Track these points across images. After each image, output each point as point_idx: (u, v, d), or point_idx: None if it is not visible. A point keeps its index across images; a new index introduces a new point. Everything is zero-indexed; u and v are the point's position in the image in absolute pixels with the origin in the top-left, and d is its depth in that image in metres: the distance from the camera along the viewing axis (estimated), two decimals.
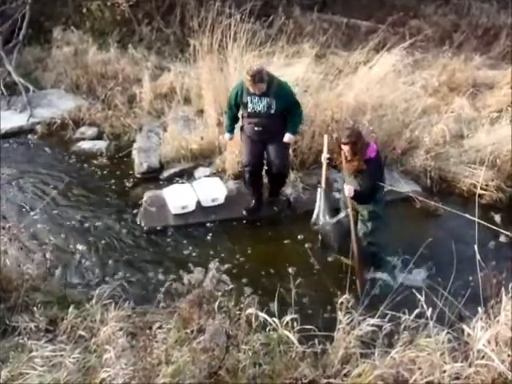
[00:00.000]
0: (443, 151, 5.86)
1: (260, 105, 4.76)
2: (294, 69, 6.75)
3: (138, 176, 5.89)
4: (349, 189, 4.18)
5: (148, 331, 2.59)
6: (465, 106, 6.46)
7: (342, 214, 4.43)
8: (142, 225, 5.10)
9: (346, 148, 4.17)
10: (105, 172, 5.99)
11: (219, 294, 2.73)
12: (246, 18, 6.65)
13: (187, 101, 6.96)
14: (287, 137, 4.97)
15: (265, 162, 5.20)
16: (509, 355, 2.85)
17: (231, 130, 5.19)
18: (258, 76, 4.56)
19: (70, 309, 3.33)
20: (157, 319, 2.87)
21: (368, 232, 4.42)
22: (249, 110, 4.81)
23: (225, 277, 2.71)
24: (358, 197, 4.26)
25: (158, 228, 5.08)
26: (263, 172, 5.30)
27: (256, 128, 4.90)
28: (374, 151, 4.23)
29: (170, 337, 2.57)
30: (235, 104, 4.92)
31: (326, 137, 4.68)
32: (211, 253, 4.70)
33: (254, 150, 5.07)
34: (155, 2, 8.35)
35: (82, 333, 3.12)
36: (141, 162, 5.98)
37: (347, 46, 8.08)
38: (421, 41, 7.33)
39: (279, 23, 7.62)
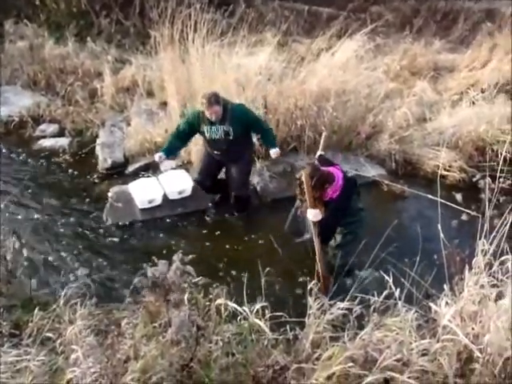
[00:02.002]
0: (407, 134, 5.96)
1: (217, 133, 4.69)
2: (257, 58, 6.74)
3: (103, 172, 5.80)
4: (314, 214, 3.76)
5: (115, 327, 2.54)
6: (426, 89, 6.58)
7: (306, 236, 4.32)
8: (109, 221, 5.02)
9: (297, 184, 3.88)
10: (68, 169, 5.86)
11: (186, 285, 2.69)
12: (206, 8, 6.57)
13: (150, 94, 6.88)
14: (273, 153, 4.91)
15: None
16: (473, 328, 2.93)
17: (168, 154, 4.88)
18: (214, 97, 4.50)
19: (36, 311, 3.23)
20: (124, 315, 2.82)
21: (335, 245, 4.16)
22: (207, 138, 4.77)
23: (189, 268, 2.67)
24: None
25: (125, 223, 5.01)
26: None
27: (216, 152, 4.88)
28: (336, 190, 3.85)
29: (137, 332, 2.53)
30: (187, 130, 4.81)
31: (324, 134, 4.65)
32: (180, 245, 4.67)
33: (208, 168, 5.07)
34: None
35: (49, 334, 3.04)
36: (105, 158, 5.87)
37: (309, 33, 8.09)
38: (382, 26, 7.40)
39: (240, 12, 7.55)
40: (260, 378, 2.79)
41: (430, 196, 3.14)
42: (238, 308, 3.15)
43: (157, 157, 4.87)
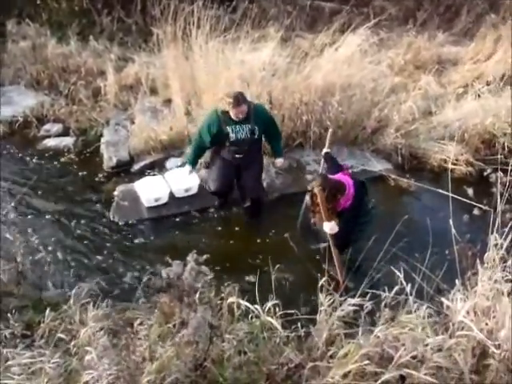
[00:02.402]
0: (412, 128, 5.93)
1: (243, 132, 4.53)
2: (260, 53, 6.70)
3: (108, 171, 5.78)
4: (331, 226, 3.75)
5: (129, 329, 2.53)
6: (431, 82, 6.54)
7: (321, 245, 4.27)
8: (116, 220, 5.02)
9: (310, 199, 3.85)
10: (74, 169, 5.83)
11: (199, 285, 2.68)
12: (209, 4, 6.53)
13: (153, 91, 6.83)
14: (278, 162, 4.90)
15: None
16: (486, 324, 2.92)
17: (194, 164, 4.95)
18: (241, 97, 4.37)
19: (47, 312, 3.22)
20: (137, 316, 2.81)
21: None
22: (231, 139, 4.55)
23: (204, 268, 2.66)
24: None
25: (132, 222, 5.00)
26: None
27: (237, 155, 4.66)
28: (349, 199, 3.80)
29: (151, 333, 2.52)
30: (209, 138, 4.61)
31: (330, 131, 4.64)
32: (188, 244, 4.65)
33: (226, 177, 4.83)
34: None
35: (61, 335, 3.04)
36: (110, 157, 5.85)
37: (312, 27, 8.04)
38: (385, 20, 7.34)
39: (243, 8, 7.50)
40: (274, 376, 2.78)
41: (440, 191, 3.11)
42: (250, 306, 3.15)
43: (188, 169, 4.95)
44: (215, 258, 4.15)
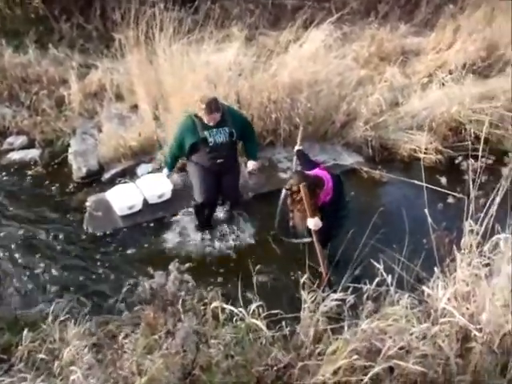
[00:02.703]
0: (381, 120, 6.01)
1: (221, 136, 4.40)
2: (226, 54, 6.67)
3: (78, 181, 5.63)
4: (315, 222, 3.74)
5: (114, 343, 2.47)
6: (396, 74, 6.63)
7: (305, 240, 4.21)
8: (90, 231, 4.90)
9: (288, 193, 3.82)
10: (42, 181, 5.66)
11: (182, 293, 2.64)
12: (171, 6, 6.44)
13: (119, 97, 6.71)
14: (252, 164, 4.73)
15: None
16: (467, 308, 2.98)
17: (172, 168, 4.91)
18: (215, 104, 4.26)
19: (25, 332, 3.10)
20: (121, 329, 2.75)
21: None
22: (210, 144, 4.40)
23: (187, 276, 2.62)
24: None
25: (107, 232, 4.90)
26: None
27: (218, 160, 4.50)
28: (328, 193, 3.80)
29: (138, 346, 2.46)
30: (187, 145, 4.46)
31: (301, 128, 4.67)
32: (166, 250, 4.61)
33: (210, 185, 4.63)
34: None
35: (42, 356, 2.93)
36: (79, 167, 5.72)
37: (275, 25, 8.05)
38: (347, 14, 7.41)
39: (205, 8, 7.44)
40: (263, 377, 2.77)
41: (415, 181, 3.15)
42: (234, 309, 3.12)
43: (166, 173, 4.90)
44: (195, 263, 4.14)
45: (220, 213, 5.09)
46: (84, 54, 7.54)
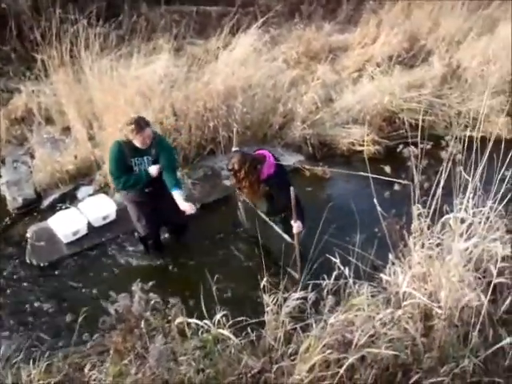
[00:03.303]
0: (317, 118, 6.14)
1: (145, 162, 4.10)
2: (155, 66, 6.57)
3: (15, 212, 5.31)
4: (298, 225, 3.81)
5: (82, 378, 2.32)
6: (327, 71, 6.79)
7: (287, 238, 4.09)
8: (34, 263, 4.63)
9: (231, 175, 3.96)
10: None
11: (148, 313, 2.54)
12: (94, 22, 6.25)
13: (49, 120, 6.41)
14: (178, 195, 4.04)
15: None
16: (425, 289, 3.09)
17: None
18: (143, 121, 3.94)
19: None
20: (87, 361, 2.60)
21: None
22: (135, 173, 4.12)
23: (152, 295, 2.52)
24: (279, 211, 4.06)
25: (53, 262, 4.65)
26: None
27: (146, 190, 4.19)
28: (271, 166, 3.92)
29: (108, 375, 2.34)
30: (123, 175, 4.09)
31: (235, 130, 4.61)
32: (118, 271, 4.45)
33: (148, 218, 4.37)
34: None
35: None
36: (14, 197, 5.39)
37: (202, 33, 8.02)
38: (272, 17, 7.51)
39: (128, 23, 7.29)
40: None
41: (362, 173, 3.23)
42: (200, 322, 3.05)
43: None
44: (155, 280, 4.01)
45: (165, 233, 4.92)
46: (3, 77, 7.15)
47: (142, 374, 2.29)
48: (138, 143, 3.98)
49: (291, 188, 3.63)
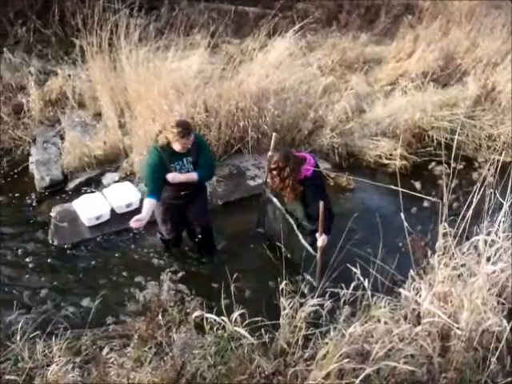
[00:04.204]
0: (347, 127, 6.12)
1: (186, 165, 4.02)
2: (190, 61, 6.64)
3: (41, 191, 5.41)
4: (323, 239, 3.78)
5: (100, 358, 2.36)
6: (360, 82, 6.78)
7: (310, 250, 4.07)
8: (55, 243, 4.71)
9: (274, 173, 3.92)
10: (2, 192, 5.38)
11: (172, 304, 2.57)
12: (136, 13, 6.34)
13: (82, 105, 6.53)
14: (192, 174, 4.04)
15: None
16: (445, 308, 3.06)
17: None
18: (189, 126, 3.88)
19: None
20: (106, 343, 2.64)
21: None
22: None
23: (181, 286, 2.55)
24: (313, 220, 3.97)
25: (73, 244, 4.72)
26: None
27: (182, 192, 4.14)
28: (309, 169, 3.90)
29: (130, 359, 2.37)
30: (159, 183, 3.97)
31: (274, 135, 4.44)
32: (138, 261, 4.49)
33: (176, 223, 4.36)
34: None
35: (12, 377, 2.75)
36: (42, 177, 5.50)
37: (238, 33, 8.08)
38: (310, 23, 7.52)
39: (168, 16, 7.37)
40: None
41: (392, 186, 3.21)
42: (217, 318, 3.07)
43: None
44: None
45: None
46: (42, 59, 7.29)
47: (163, 362, 2.31)
48: (177, 147, 3.87)
49: (320, 202, 3.60)
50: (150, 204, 3.91)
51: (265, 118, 5.90)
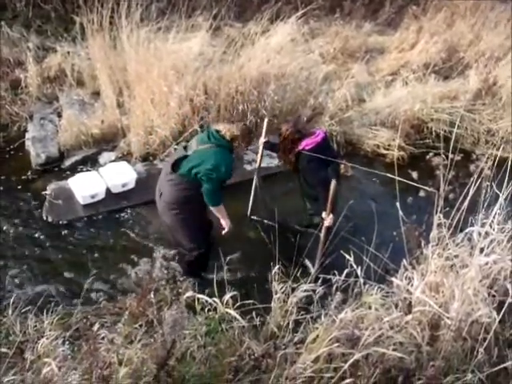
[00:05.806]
0: (346, 116, 6.09)
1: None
2: (191, 43, 6.59)
3: (37, 168, 5.38)
4: (329, 220, 3.80)
5: (91, 334, 2.37)
6: (361, 71, 6.74)
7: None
8: (49, 220, 4.70)
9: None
10: None
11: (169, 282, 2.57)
12: None
13: (80, 83, 6.46)
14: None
15: None
16: (436, 298, 3.08)
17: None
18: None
19: None
20: (97, 319, 2.64)
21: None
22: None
23: (174, 264, 2.55)
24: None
25: (67, 221, 4.72)
26: None
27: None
28: (312, 143, 3.92)
29: (120, 335, 2.38)
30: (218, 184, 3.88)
31: (266, 120, 4.52)
32: (131, 240, 4.49)
33: (205, 225, 4.14)
34: None
35: (3, 350, 2.77)
36: (37, 153, 5.46)
37: (240, 17, 8.00)
38: (313, 10, 7.46)
39: None
40: (241, 367, 2.75)
41: (389, 174, 3.21)
42: (209, 299, 3.08)
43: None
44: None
45: None
46: (41, 35, 7.17)
47: (153, 339, 2.32)
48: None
49: (333, 181, 3.60)
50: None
51: (264, 102, 5.87)
